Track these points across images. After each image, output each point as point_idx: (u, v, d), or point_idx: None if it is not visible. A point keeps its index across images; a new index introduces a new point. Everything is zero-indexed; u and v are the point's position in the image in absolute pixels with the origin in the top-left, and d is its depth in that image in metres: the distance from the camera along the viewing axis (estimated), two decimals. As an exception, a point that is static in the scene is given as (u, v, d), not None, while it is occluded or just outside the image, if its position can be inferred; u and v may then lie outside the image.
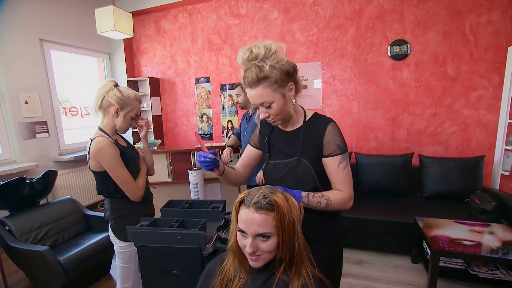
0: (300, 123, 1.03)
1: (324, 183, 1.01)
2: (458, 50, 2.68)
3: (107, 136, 1.30)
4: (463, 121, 2.76)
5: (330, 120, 1.00)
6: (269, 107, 0.93)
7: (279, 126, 1.07)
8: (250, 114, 2.42)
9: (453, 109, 2.77)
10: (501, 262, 1.93)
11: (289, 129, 1.05)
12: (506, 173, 2.54)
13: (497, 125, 2.64)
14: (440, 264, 1.89)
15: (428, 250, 2.00)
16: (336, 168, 0.97)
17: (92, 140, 1.27)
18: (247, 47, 0.89)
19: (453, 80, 2.73)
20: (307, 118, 1.03)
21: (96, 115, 1.35)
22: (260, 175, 2.41)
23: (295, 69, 0.94)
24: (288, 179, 1.01)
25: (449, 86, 2.75)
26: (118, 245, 1.36)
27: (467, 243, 1.79)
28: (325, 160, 0.98)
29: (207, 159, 0.93)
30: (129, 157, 1.35)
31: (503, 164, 2.60)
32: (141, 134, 1.49)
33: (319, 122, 1.01)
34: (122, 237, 1.33)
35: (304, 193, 0.94)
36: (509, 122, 2.51)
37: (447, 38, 2.70)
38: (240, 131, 2.59)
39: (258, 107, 0.97)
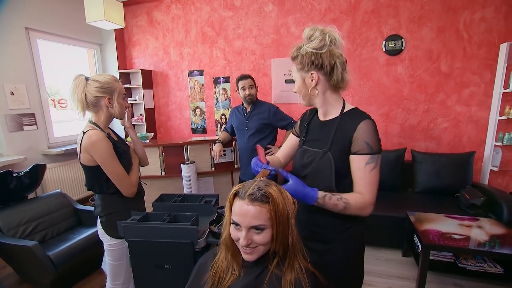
0: (335, 114, 0.99)
1: (340, 185, 0.94)
2: (452, 47, 2.69)
3: (100, 130, 1.24)
4: (455, 117, 2.79)
5: (366, 117, 0.92)
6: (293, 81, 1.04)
7: (318, 115, 1.07)
8: (246, 109, 2.34)
9: (445, 105, 2.80)
10: (488, 255, 1.98)
11: (325, 118, 1.03)
12: (495, 169, 2.59)
13: (488, 121, 2.68)
14: (430, 257, 1.93)
15: (419, 243, 2.03)
16: (361, 168, 0.89)
17: (84, 133, 1.21)
18: (311, 27, 0.97)
19: (446, 76, 2.76)
20: (345, 110, 0.98)
21: (83, 116, 1.26)
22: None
23: (323, 64, 0.93)
24: (309, 168, 1.00)
25: (442, 82, 2.78)
26: (108, 242, 1.32)
27: (456, 237, 1.83)
28: (352, 158, 0.92)
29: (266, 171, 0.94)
30: (122, 151, 1.30)
31: (493, 160, 2.65)
32: (126, 123, 1.43)
33: (355, 116, 0.94)
34: (113, 234, 1.29)
35: (321, 193, 0.87)
36: (499, 119, 2.55)
37: (441, 34, 2.71)
38: (231, 126, 2.49)
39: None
